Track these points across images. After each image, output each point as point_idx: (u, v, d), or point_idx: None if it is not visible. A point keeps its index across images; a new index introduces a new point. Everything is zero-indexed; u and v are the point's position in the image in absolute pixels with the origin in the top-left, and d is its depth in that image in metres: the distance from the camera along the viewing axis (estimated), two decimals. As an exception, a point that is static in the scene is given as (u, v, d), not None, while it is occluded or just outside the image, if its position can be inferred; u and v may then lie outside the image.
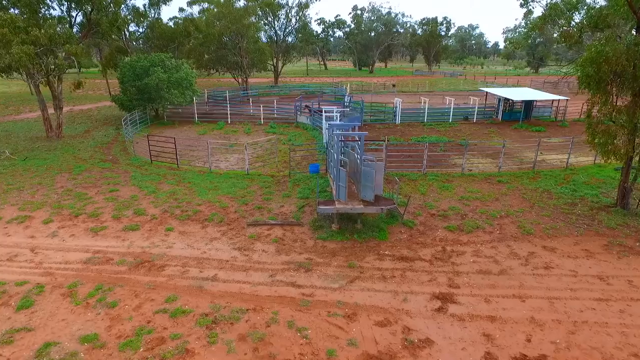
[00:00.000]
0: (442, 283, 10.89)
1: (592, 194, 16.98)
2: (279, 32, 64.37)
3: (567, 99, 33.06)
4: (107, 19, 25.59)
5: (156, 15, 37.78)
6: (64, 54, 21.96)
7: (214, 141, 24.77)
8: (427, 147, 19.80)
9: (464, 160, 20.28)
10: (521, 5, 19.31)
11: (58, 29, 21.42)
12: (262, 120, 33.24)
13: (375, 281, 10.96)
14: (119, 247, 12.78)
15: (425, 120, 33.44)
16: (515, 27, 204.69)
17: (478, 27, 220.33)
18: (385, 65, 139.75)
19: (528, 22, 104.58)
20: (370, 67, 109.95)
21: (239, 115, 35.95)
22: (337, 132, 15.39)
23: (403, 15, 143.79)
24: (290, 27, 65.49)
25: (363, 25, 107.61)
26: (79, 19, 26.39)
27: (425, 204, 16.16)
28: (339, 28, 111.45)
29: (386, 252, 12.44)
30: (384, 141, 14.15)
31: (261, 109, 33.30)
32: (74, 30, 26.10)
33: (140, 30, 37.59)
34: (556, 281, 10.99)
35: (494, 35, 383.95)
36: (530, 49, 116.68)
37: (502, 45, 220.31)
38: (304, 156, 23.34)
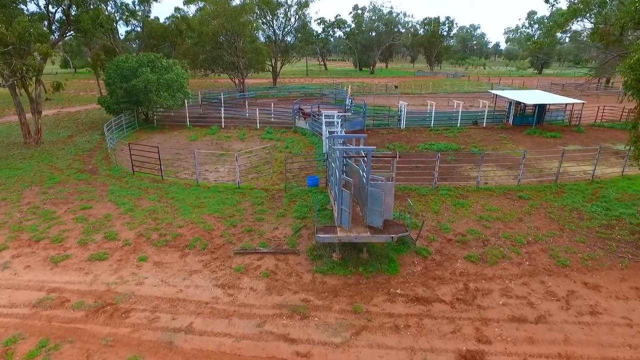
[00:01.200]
0: (469, 336, 8.86)
1: (629, 214, 14.95)
2: (277, 31, 62.39)
3: (583, 103, 31.02)
4: (88, 16, 23.54)
5: (146, 13, 35.70)
6: (36, 53, 19.96)
7: (201, 151, 22.67)
8: (439, 157, 17.74)
9: (479, 173, 18.24)
10: (546, 1, 17.20)
11: (31, 25, 19.34)
12: (258, 124, 31.22)
13: (387, 333, 8.93)
14: (79, 284, 10.74)
15: (432, 124, 31.41)
16: (517, 28, 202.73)
17: (479, 28, 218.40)
18: (386, 66, 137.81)
19: (532, 22, 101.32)
20: (371, 67, 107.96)
21: (234, 119, 33.93)
22: (339, 146, 13.35)
23: (405, 14, 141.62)
24: (289, 27, 63.53)
25: (364, 25, 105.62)
26: (59, 15, 24.37)
27: (439, 225, 14.13)
28: (339, 28, 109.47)
29: (398, 291, 10.40)
30: (395, 157, 12.03)
31: (257, 112, 31.26)
32: (54, 27, 24.00)
33: (129, 28, 35.62)
34: (608, 333, 8.96)
35: (494, 36, 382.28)
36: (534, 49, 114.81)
37: (503, 45, 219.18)
38: (302, 166, 21.31)
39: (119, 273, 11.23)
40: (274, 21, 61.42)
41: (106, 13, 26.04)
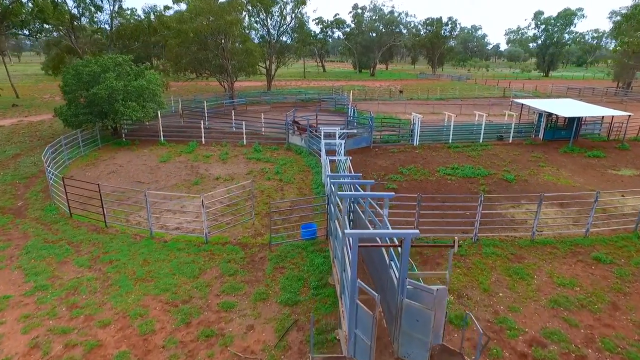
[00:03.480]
0: None
1: None
2: (272, 31, 57.56)
3: (629, 115, 26.33)
4: (24, 7, 18.73)
5: (119, 8, 30.76)
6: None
7: (157, 192, 17.80)
8: (482, 201, 12.94)
9: (535, 221, 13.41)
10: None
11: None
12: (244, 140, 26.38)
13: None
14: None
15: (450, 140, 26.66)
16: (519, 29, 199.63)
17: (481, 28, 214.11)
18: (386, 67, 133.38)
19: (538, 22, 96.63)
20: (371, 69, 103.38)
21: (218, 133, 29.10)
22: (346, 203, 8.59)
23: (407, 14, 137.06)
24: (285, 26, 58.70)
25: (364, 25, 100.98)
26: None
27: (498, 320, 9.36)
28: (338, 28, 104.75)
29: None
30: (453, 246, 7.15)
31: (243, 126, 26.39)
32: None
33: (107, 26, 30.60)
34: None
35: (493, 37, 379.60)
36: (540, 50, 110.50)
37: (502, 47, 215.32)
38: (295, 204, 16.52)
39: None
40: (269, 20, 56.62)
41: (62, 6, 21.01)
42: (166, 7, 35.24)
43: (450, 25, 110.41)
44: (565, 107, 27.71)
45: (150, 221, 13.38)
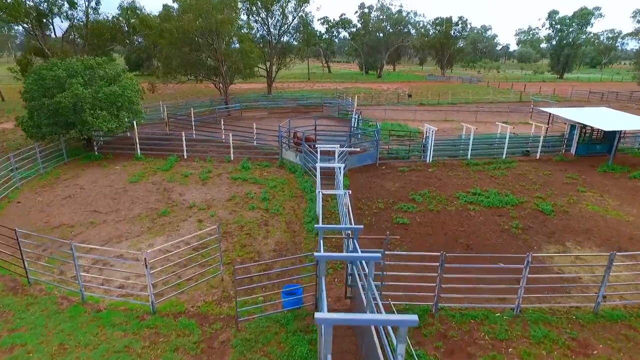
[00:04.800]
0: None
1: None
2: (273, 30, 54.27)
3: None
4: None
5: (93, 4, 27.59)
6: None
7: (83, 245, 14.54)
8: (529, 261, 9.42)
9: (602, 288, 9.83)
10: None
11: None
12: (232, 154, 23.03)
13: None
14: None
15: (468, 156, 23.10)
16: (529, 29, 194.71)
17: (491, 29, 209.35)
18: (394, 69, 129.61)
19: (553, 22, 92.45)
20: (378, 70, 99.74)
21: (205, 144, 25.83)
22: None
23: (415, 14, 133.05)
24: (287, 26, 55.40)
25: (371, 25, 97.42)
26: None
27: None
28: (344, 28, 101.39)
29: None
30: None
31: (230, 139, 23.02)
32: None
33: (70, 23, 27.34)
34: None
35: (502, 38, 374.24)
36: (554, 51, 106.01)
37: (512, 47, 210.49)
38: (281, 244, 13.15)
39: None
40: (269, 19, 53.34)
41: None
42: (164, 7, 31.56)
43: (460, 25, 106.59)
44: (601, 118, 24.03)
45: (81, 282, 10.05)
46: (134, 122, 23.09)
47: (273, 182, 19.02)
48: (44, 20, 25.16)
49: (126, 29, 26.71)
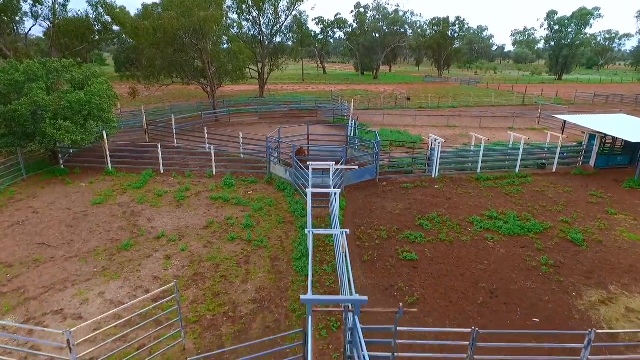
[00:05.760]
0: None
1: None
2: (265, 30, 51.77)
3: None
4: None
5: (61, 1, 24.87)
6: None
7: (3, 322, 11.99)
8: (590, 337, 7.05)
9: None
10: None
11: None
12: (214, 169, 20.53)
13: None
14: None
15: (478, 170, 20.76)
16: (525, 30, 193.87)
17: (487, 29, 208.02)
18: (390, 70, 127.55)
19: (552, 22, 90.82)
20: (375, 71, 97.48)
21: (186, 155, 23.33)
22: None
23: (412, 13, 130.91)
24: (279, 25, 52.93)
25: (367, 25, 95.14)
26: None
27: None
28: (340, 28, 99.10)
29: None
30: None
31: (212, 152, 20.48)
32: None
33: (34, 21, 24.56)
34: None
35: (499, 38, 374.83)
36: (553, 52, 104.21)
37: (508, 48, 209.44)
38: (259, 302, 10.71)
39: None
40: (261, 18, 50.84)
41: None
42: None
43: (457, 26, 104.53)
44: (623, 126, 21.81)
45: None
46: (104, 133, 20.52)
47: (258, 204, 16.55)
48: (3, 17, 22.45)
49: (97, 27, 23.99)
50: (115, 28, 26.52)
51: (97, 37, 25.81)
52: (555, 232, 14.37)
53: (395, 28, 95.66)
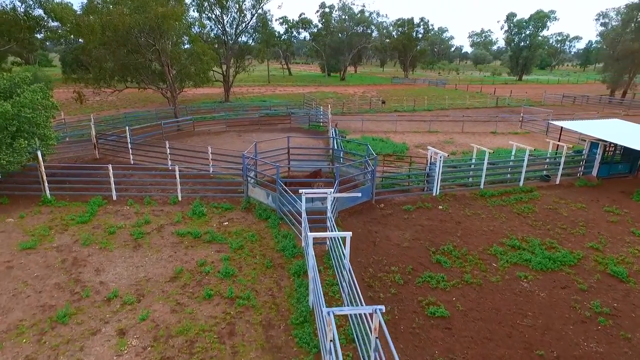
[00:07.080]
0: None
1: None
2: (229, 29, 48.22)
3: None
4: None
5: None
6: None
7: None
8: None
9: None
10: None
11: None
12: (179, 194, 17.16)
13: None
14: None
15: (481, 185, 18.69)
16: (482, 32, 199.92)
17: (447, 30, 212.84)
18: (355, 70, 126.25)
19: (512, 24, 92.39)
20: (342, 73, 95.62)
21: (144, 174, 19.73)
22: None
23: (378, 14, 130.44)
24: (244, 24, 49.54)
25: (332, 26, 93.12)
26: None
27: None
28: (305, 28, 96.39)
29: None
30: None
31: (177, 172, 17.11)
32: None
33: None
34: None
35: (457, 40, 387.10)
36: (513, 53, 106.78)
37: (465, 49, 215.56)
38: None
39: None
40: (224, 16, 47.26)
41: None
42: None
43: (422, 27, 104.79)
44: (621, 132, 20.56)
45: None
46: (39, 153, 16.61)
47: (238, 239, 13.50)
48: None
49: (29, 23, 19.90)
50: (54, 24, 22.27)
51: (28, 34, 21.52)
52: (590, 264, 12.38)
53: (361, 29, 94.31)
